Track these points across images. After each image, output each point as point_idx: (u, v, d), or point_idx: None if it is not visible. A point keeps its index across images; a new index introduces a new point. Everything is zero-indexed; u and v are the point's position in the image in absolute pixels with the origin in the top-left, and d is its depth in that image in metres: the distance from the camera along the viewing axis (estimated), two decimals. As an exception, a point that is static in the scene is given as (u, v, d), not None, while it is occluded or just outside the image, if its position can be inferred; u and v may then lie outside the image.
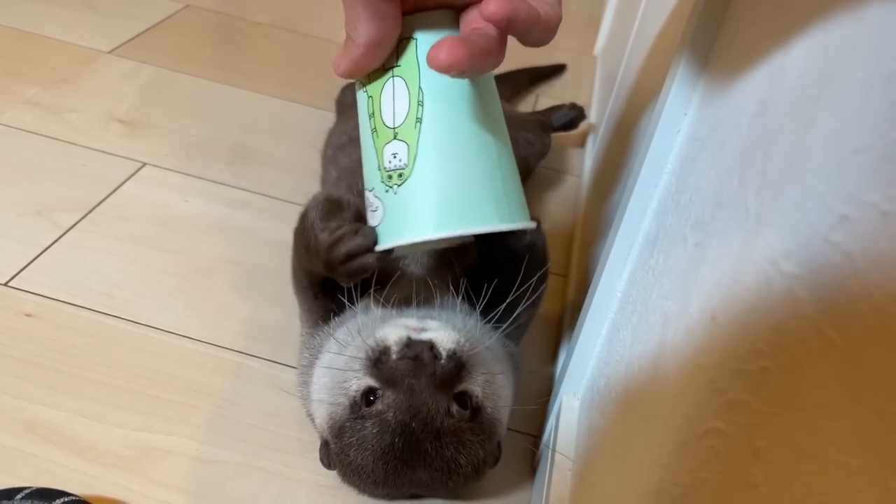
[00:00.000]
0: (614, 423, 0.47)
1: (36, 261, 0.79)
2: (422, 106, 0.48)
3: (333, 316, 0.64)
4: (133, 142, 1.01)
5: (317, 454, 0.65)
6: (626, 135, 0.79)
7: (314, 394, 0.60)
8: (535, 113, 1.15)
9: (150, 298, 0.77)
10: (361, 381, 0.55)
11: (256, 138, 1.06)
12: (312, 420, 0.62)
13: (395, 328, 0.56)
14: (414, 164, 0.48)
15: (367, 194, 0.52)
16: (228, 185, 0.96)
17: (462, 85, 0.49)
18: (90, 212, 0.87)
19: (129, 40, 1.25)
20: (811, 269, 0.25)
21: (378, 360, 0.54)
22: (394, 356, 0.54)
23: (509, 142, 0.52)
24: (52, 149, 0.96)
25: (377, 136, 0.50)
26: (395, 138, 0.49)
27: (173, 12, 1.37)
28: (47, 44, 1.20)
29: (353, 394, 0.55)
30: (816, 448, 0.24)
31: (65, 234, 0.83)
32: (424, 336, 0.55)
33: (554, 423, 0.62)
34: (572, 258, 0.91)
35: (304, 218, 0.62)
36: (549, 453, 0.61)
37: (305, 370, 0.64)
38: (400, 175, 0.49)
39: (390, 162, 0.49)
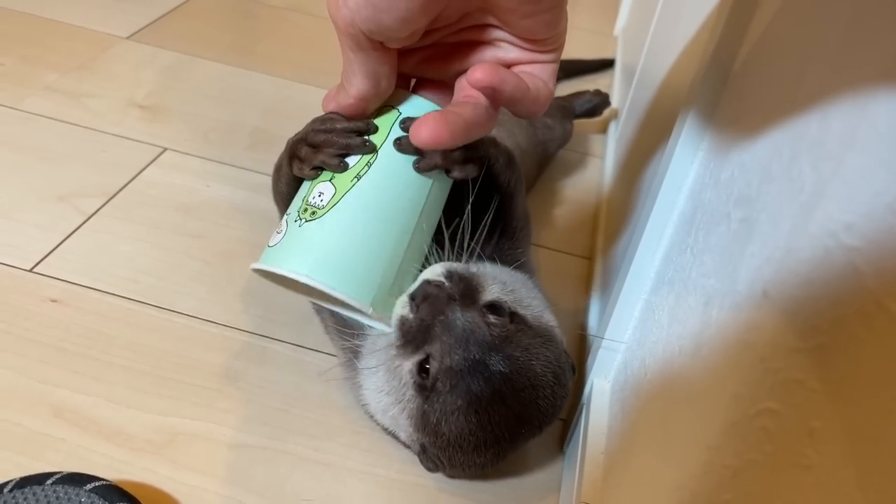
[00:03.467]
0: (652, 405, 0.46)
1: (60, 246, 0.79)
2: (368, 167, 0.50)
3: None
4: (153, 127, 1.00)
5: (345, 438, 0.65)
6: (655, 114, 0.78)
7: (387, 421, 0.60)
8: (556, 98, 1.13)
9: (173, 283, 0.77)
10: (406, 362, 0.55)
11: (275, 122, 1.06)
12: (397, 437, 0.62)
13: (396, 306, 0.55)
14: (330, 209, 0.49)
15: (283, 218, 0.53)
16: (249, 170, 0.95)
17: (413, 173, 0.51)
18: (112, 197, 0.87)
19: (147, 25, 1.25)
20: (874, 240, 0.24)
21: (404, 333, 0.54)
22: (411, 315, 0.53)
23: (425, 246, 0.54)
24: (72, 134, 0.96)
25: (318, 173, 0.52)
26: (329, 181, 0.51)
27: (190, -3, 1.36)
28: (65, 30, 1.20)
29: (410, 378, 0.55)
30: (875, 429, 0.23)
31: (88, 219, 0.83)
32: (417, 284, 0.54)
33: (585, 406, 0.62)
34: (597, 240, 0.89)
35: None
36: (581, 437, 0.60)
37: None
38: (313, 213, 0.50)
39: (314, 199, 0.50)
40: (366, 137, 0.50)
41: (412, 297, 0.53)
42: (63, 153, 0.93)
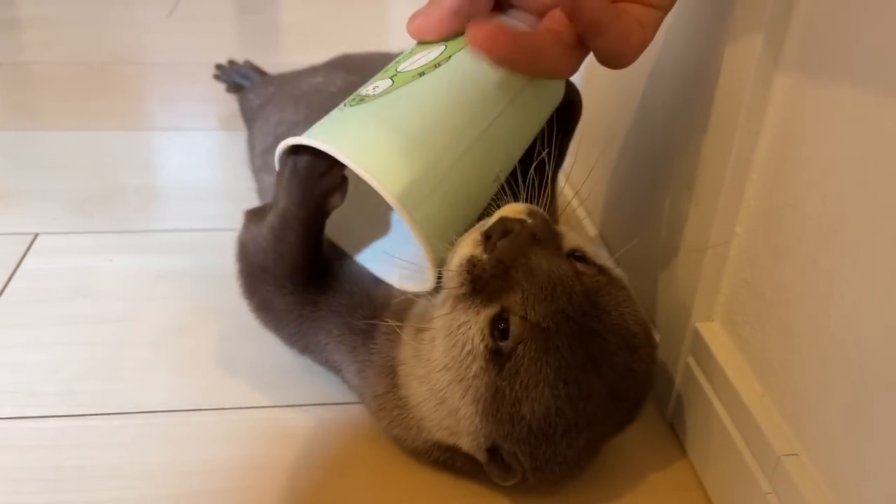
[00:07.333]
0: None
1: (-50, 382, 0.58)
2: (436, 67, 0.44)
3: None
4: (10, 215, 0.80)
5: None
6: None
7: (441, 417, 0.46)
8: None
9: (125, 380, 0.59)
10: (475, 319, 0.43)
11: (156, 175, 0.89)
12: (456, 450, 0.48)
13: (460, 245, 0.45)
14: (381, 97, 0.44)
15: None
16: (152, 231, 0.78)
17: (490, 86, 0.45)
18: (-7, 305, 0.67)
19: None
20: None
21: (475, 279, 0.43)
22: (485, 255, 0.43)
23: (492, 179, 0.47)
24: None
25: (379, 74, 0.47)
26: (389, 77, 0.45)
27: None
28: None
29: (480, 342, 0.42)
30: None
31: (-25, 340, 0.63)
32: (492, 220, 0.44)
33: (689, 356, 0.53)
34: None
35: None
36: (709, 393, 0.51)
37: (382, 395, 0.51)
38: (361, 100, 0.44)
39: (366, 89, 0.45)
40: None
41: (487, 235, 0.43)
42: None
